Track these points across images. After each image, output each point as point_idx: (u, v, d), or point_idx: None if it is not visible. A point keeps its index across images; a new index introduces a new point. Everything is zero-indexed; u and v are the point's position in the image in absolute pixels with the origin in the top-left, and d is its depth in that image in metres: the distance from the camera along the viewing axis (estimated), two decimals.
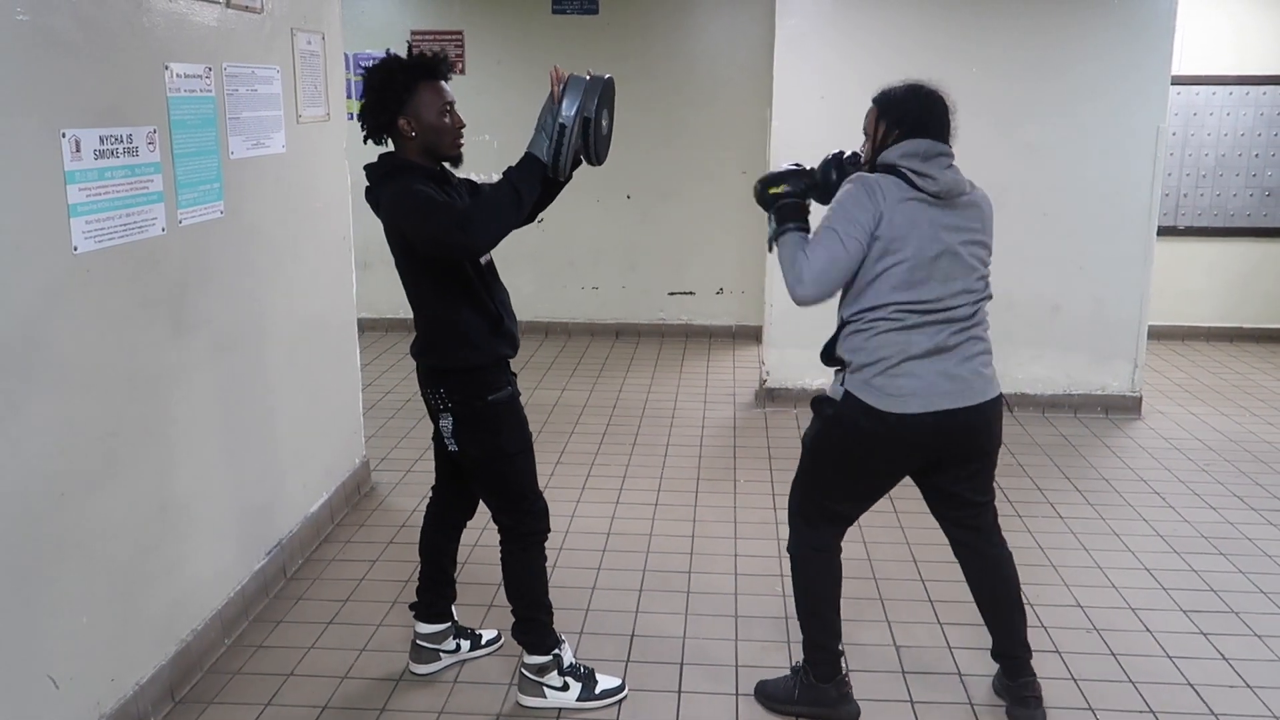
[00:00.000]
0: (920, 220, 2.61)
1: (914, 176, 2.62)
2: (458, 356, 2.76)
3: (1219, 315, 7.52)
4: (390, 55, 2.73)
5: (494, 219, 2.54)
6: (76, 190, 2.53)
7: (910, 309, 2.64)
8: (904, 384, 2.65)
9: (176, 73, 2.98)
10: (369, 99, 2.69)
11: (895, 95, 2.74)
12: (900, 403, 2.65)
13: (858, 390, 2.69)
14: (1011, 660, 2.97)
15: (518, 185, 2.59)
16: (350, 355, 4.54)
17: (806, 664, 2.96)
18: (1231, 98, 7.15)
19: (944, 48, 5.47)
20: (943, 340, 2.66)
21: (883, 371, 2.66)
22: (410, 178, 2.65)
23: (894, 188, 2.62)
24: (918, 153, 2.65)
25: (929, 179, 2.63)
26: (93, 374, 2.64)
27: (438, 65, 2.71)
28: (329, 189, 4.18)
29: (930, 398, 2.66)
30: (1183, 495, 4.61)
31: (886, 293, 2.64)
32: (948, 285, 2.66)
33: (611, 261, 7.62)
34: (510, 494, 2.90)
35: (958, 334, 2.68)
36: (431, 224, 2.54)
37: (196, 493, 3.16)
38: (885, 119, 2.73)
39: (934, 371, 2.66)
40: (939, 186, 2.63)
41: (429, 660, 3.16)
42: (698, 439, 5.37)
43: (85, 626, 2.63)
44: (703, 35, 7.29)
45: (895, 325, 2.65)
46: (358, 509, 4.42)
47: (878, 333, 2.66)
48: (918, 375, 2.65)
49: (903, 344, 2.65)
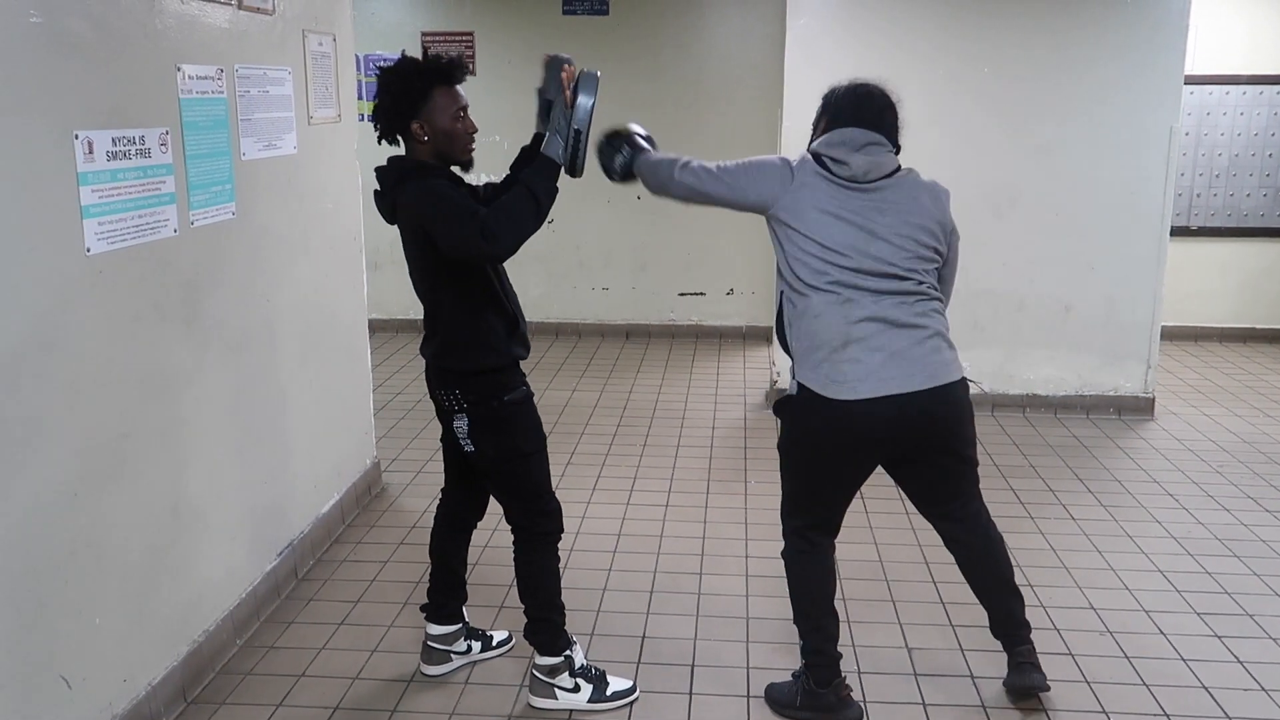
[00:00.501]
0: (825, 200, 2.68)
1: (829, 162, 2.71)
2: (476, 359, 2.76)
3: (1232, 316, 7.48)
4: (406, 57, 2.73)
5: (515, 227, 2.53)
6: (89, 192, 2.53)
7: (837, 285, 2.66)
8: (849, 370, 2.65)
9: (188, 74, 2.98)
10: (383, 101, 2.69)
11: (833, 91, 2.85)
12: (849, 389, 2.65)
13: (807, 380, 2.71)
14: (1007, 638, 3.01)
15: (536, 191, 2.58)
16: (361, 356, 4.55)
17: (806, 669, 2.95)
18: (1245, 97, 7.11)
19: (955, 48, 5.46)
20: (885, 317, 2.67)
21: (826, 358, 2.67)
22: (432, 178, 2.65)
23: (807, 167, 2.73)
24: (837, 141, 2.73)
25: (841, 164, 2.70)
26: (105, 375, 2.65)
27: (453, 70, 2.70)
28: (340, 190, 4.18)
29: (881, 382, 2.65)
30: (1196, 496, 4.59)
31: (811, 275, 2.68)
32: (874, 262, 2.68)
33: (622, 262, 7.62)
34: (525, 494, 2.90)
35: (898, 308, 2.68)
36: (457, 229, 2.53)
37: (208, 493, 3.17)
38: (823, 113, 2.86)
39: (881, 355, 2.65)
40: (850, 171, 2.70)
41: (440, 661, 3.16)
42: (708, 440, 5.37)
43: (98, 627, 2.63)
44: (713, 35, 7.28)
45: (826, 301, 2.66)
46: (368, 510, 4.43)
47: (810, 317, 2.68)
48: (862, 360, 2.65)
49: (837, 325, 2.66)
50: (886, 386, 2.66)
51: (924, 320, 2.73)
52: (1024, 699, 2.99)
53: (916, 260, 2.73)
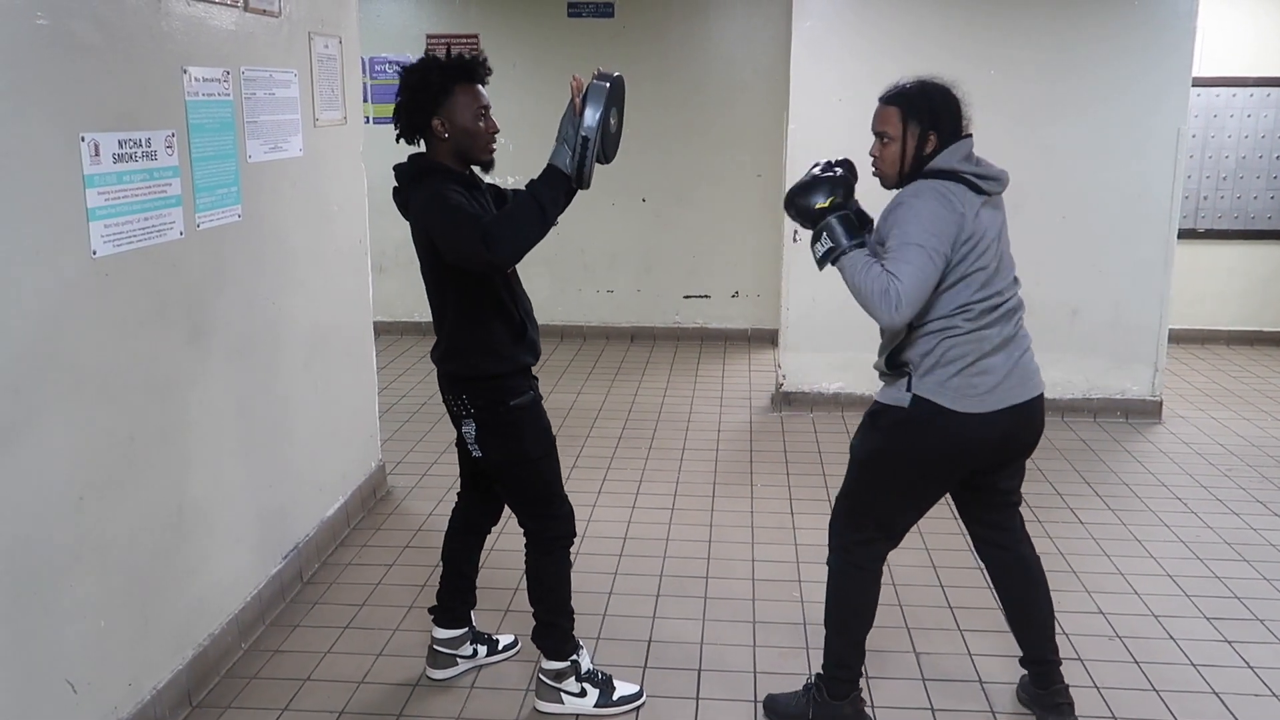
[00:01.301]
0: (990, 222, 2.59)
1: (980, 181, 2.58)
2: (481, 364, 2.74)
3: (1239, 319, 7.46)
4: (429, 55, 2.72)
5: (517, 235, 2.49)
6: (95, 194, 2.53)
7: (984, 307, 2.61)
8: (979, 382, 2.61)
9: (195, 76, 2.98)
10: (405, 98, 2.68)
11: (922, 94, 2.65)
12: (977, 402, 2.61)
13: (931, 393, 2.61)
14: (1041, 666, 2.92)
15: (541, 200, 2.52)
16: (366, 359, 4.54)
17: (821, 680, 2.90)
18: (1252, 99, 7.09)
19: (962, 49, 5.44)
20: (1009, 331, 2.66)
21: (959, 372, 2.60)
22: (441, 182, 2.63)
23: (966, 194, 2.56)
24: (967, 154, 2.61)
25: (992, 180, 2.60)
26: (111, 378, 2.64)
27: (476, 68, 2.69)
28: (346, 192, 4.18)
29: (1002, 394, 2.63)
30: (1204, 500, 4.56)
31: (965, 296, 2.58)
32: (1005, 278, 2.65)
33: (627, 265, 7.61)
34: (535, 498, 2.89)
35: (1017, 322, 2.69)
36: (458, 235, 2.51)
37: (213, 497, 3.16)
38: (917, 121, 2.62)
39: (1005, 366, 2.63)
40: (1001, 186, 2.63)
41: (446, 665, 3.15)
42: (714, 443, 5.35)
43: (103, 631, 2.62)
44: (718, 38, 7.27)
45: (971, 326, 2.60)
46: (374, 513, 4.42)
47: (954, 334, 2.60)
48: (992, 372, 2.62)
49: (978, 341, 2.61)
50: (1010, 397, 2.64)
51: (1025, 331, 2.73)
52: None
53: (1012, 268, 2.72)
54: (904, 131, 2.64)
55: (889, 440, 2.71)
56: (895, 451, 2.71)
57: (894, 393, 2.68)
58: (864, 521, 2.80)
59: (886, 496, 2.77)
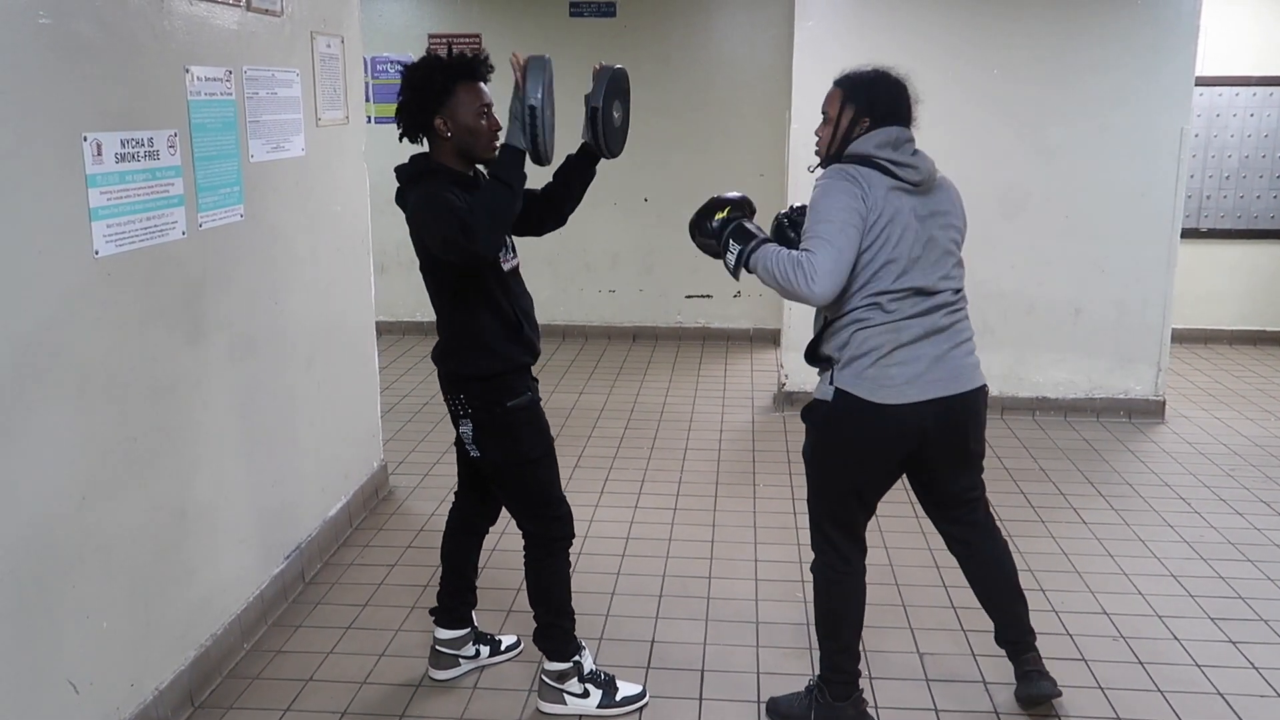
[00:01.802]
0: (904, 209, 2.58)
1: (894, 167, 2.57)
2: (475, 363, 2.74)
3: (1242, 318, 7.45)
4: (430, 54, 2.72)
5: (491, 219, 2.50)
6: (98, 194, 2.52)
7: (898, 298, 2.60)
8: (896, 373, 2.60)
9: (197, 75, 2.97)
10: (406, 97, 2.67)
11: (864, 79, 2.67)
12: (896, 393, 2.60)
13: (849, 385, 2.63)
14: (1013, 645, 2.97)
15: (504, 178, 2.55)
16: (369, 359, 4.54)
17: (821, 682, 2.90)
18: (1255, 99, 7.08)
19: (964, 50, 5.43)
20: (936, 323, 2.63)
21: (874, 363, 2.60)
22: (435, 182, 2.63)
23: (876, 178, 2.56)
24: (889, 141, 2.60)
25: (909, 168, 2.59)
26: (113, 378, 2.64)
27: (477, 66, 2.69)
28: (348, 192, 4.17)
29: (924, 386, 2.62)
30: (1208, 500, 4.56)
31: (874, 283, 2.59)
32: (932, 271, 2.63)
33: (628, 264, 7.60)
34: (533, 500, 2.88)
35: (944, 316, 2.66)
36: (440, 231, 2.53)
37: (216, 497, 3.15)
38: (853, 104, 2.64)
39: (926, 357, 2.62)
40: (920, 175, 2.61)
41: (448, 666, 3.14)
42: (716, 443, 5.34)
43: (105, 631, 2.62)
44: (720, 38, 7.27)
45: (886, 317, 2.60)
46: (375, 513, 4.41)
47: (867, 325, 2.61)
48: (909, 363, 2.61)
49: (893, 332, 2.60)
50: (932, 390, 2.63)
51: (962, 325, 2.72)
52: (1036, 707, 2.96)
53: (957, 265, 2.71)
54: (839, 112, 2.67)
55: (820, 436, 2.74)
56: (827, 446, 2.74)
57: (822, 387, 2.71)
58: (827, 516, 2.82)
59: (835, 487, 2.78)
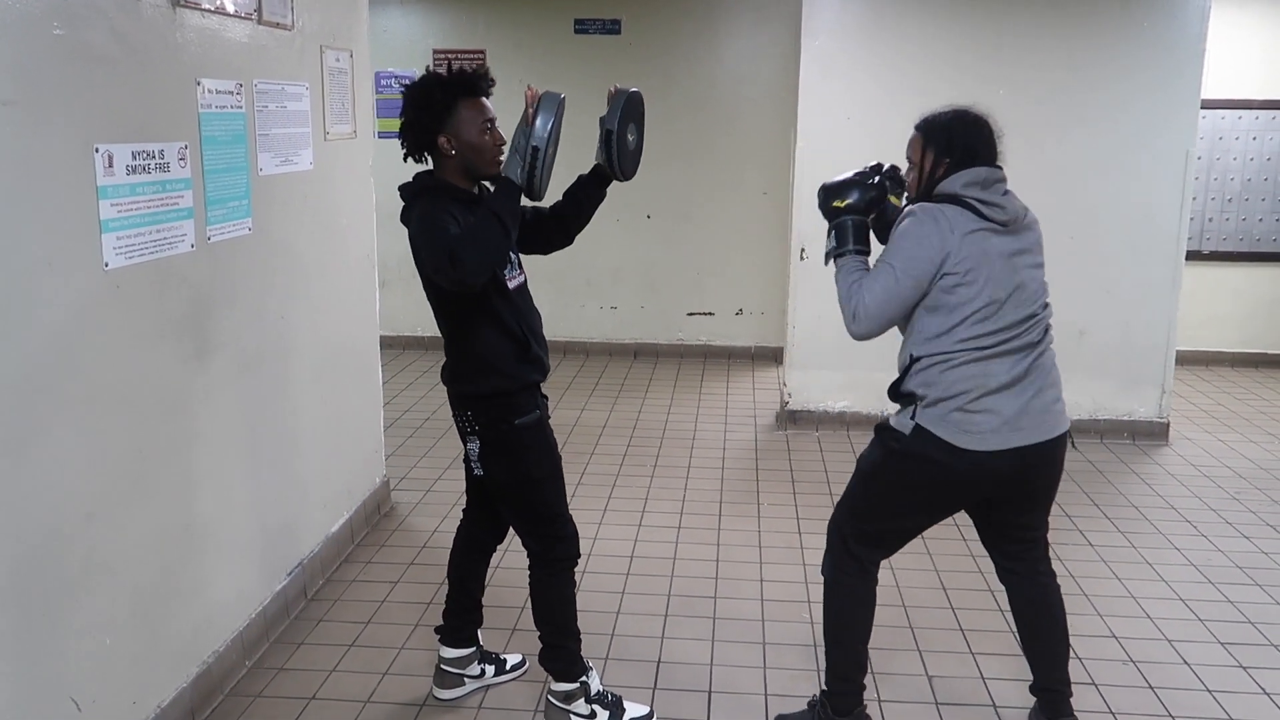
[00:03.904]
0: (991, 251, 2.54)
1: (981, 206, 2.55)
2: (483, 382, 2.72)
3: (1244, 341, 7.44)
4: (430, 71, 2.70)
5: (479, 250, 2.47)
6: (108, 205, 2.50)
7: (988, 340, 2.56)
8: (982, 420, 2.55)
9: (208, 88, 2.96)
10: (409, 116, 2.66)
11: (940, 121, 2.66)
12: (979, 439, 2.56)
13: (932, 425, 2.58)
14: (1050, 694, 2.89)
15: (498, 212, 2.53)
16: (373, 374, 4.51)
17: (825, 695, 2.88)
18: (1258, 122, 7.10)
19: (972, 68, 5.44)
20: (1020, 370, 2.58)
21: (960, 407, 2.56)
22: (434, 201, 2.61)
23: (961, 219, 2.54)
24: (978, 181, 2.57)
25: (996, 208, 2.56)
26: (121, 392, 2.61)
27: (478, 81, 2.67)
28: (354, 207, 4.16)
29: (1008, 434, 2.56)
30: (1214, 524, 4.54)
31: (963, 327, 2.55)
32: (1019, 312, 2.58)
33: (631, 281, 7.59)
34: (538, 519, 2.85)
35: (1033, 361, 2.61)
36: (430, 253, 2.51)
37: (221, 513, 3.12)
38: (932, 146, 2.64)
39: (1012, 407, 2.56)
40: (1007, 215, 2.57)
41: (453, 685, 3.11)
42: (719, 461, 5.32)
43: (109, 648, 2.59)
44: (725, 55, 7.28)
45: (973, 358, 2.56)
46: (378, 529, 4.38)
47: (955, 365, 2.56)
48: (996, 411, 2.56)
49: (981, 376, 2.56)
50: (1015, 439, 2.57)
51: (1051, 369, 2.67)
52: None
53: (1043, 305, 2.66)
54: (922, 156, 2.67)
55: (889, 462, 2.70)
56: (894, 473, 2.70)
57: (901, 418, 2.67)
58: (859, 531, 2.79)
59: (881, 511, 2.77)
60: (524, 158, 2.55)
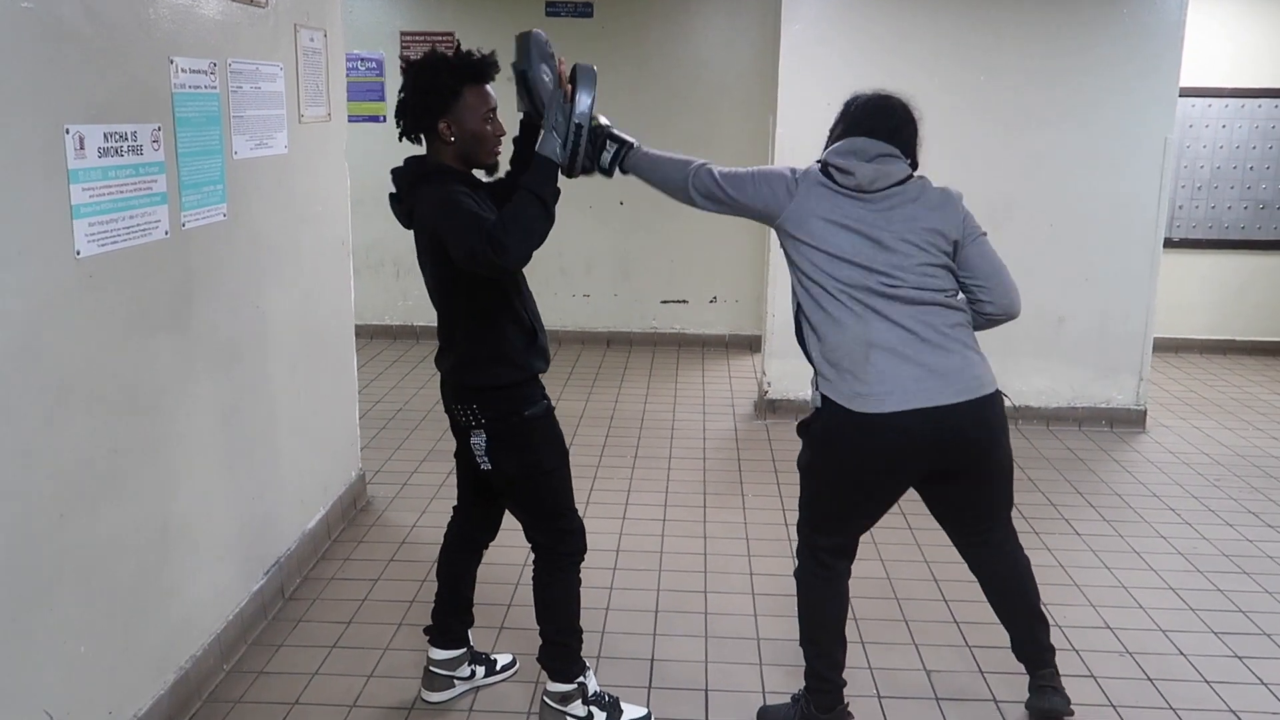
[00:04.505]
0: (829, 209, 2.58)
1: (834, 171, 2.61)
2: (494, 373, 2.62)
3: (1212, 328, 7.50)
4: (436, 52, 2.59)
5: (525, 235, 2.37)
6: (80, 190, 2.36)
7: (849, 292, 2.55)
8: (874, 381, 2.52)
9: (181, 67, 2.81)
10: (412, 98, 2.55)
11: (854, 99, 2.75)
12: (875, 401, 2.52)
13: (830, 393, 2.58)
14: (1031, 660, 2.92)
15: (540, 194, 2.42)
16: (348, 364, 4.39)
17: (806, 693, 2.84)
18: (1227, 110, 7.14)
19: (951, 54, 5.39)
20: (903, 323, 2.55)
21: (847, 369, 2.54)
22: (446, 183, 2.50)
23: (811, 176, 2.63)
24: (846, 150, 2.63)
25: (846, 174, 2.60)
26: (95, 386, 2.47)
27: (486, 69, 2.56)
28: (329, 192, 4.01)
29: (907, 395, 2.53)
30: (1198, 511, 4.54)
31: (817, 275, 2.57)
32: (886, 273, 2.56)
33: (603, 269, 7.49)
34: (548, 512, 2.77)
35: (918, 321, 2.56)
36: (469, 239, 2.37)
37: (198, 510, 2.99)
38: (840, 121, 2.75)
39: (909, 366, 2.53)
40: (855, 180, 2.59)
41: (443, 687, 3.01)
42: (700, 451, 5.24)
43: (83, 656, 2.45)
44: (699, 39, 7.18)
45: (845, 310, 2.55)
46: (355, 524, 4.25)
47: (827, 326, 2.57)
48: (887, 371, 2.52)
49: (857, 335, 2.54)
50: (917, 399, 2.53)
51: (949, 332, 2.61)
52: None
53: (929, 270, 2.61)
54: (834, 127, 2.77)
55: (811, 446, 2.69)
56: (818, 455, 2.68)
57: (814, 395, 2.67)
58: (816, 527, 2.76)
59: (826, 501, 2.73)
60: (564, 136, 2.45)
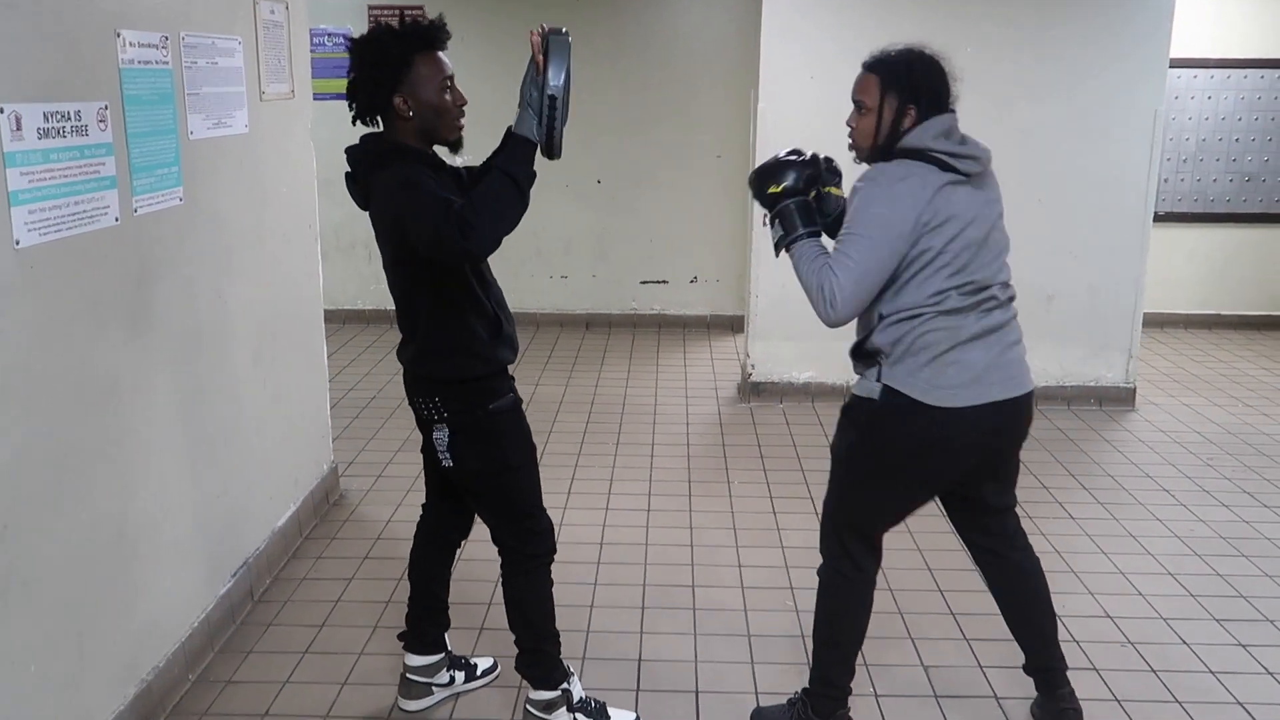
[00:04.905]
0: (961, 203, 2.37)
1: (952, 160, 2.36)
2: (456, 365, 2.46)
3: (1197, 302, 7.42)
4: (381, 25, 2.41)
5: (496, 220, 2.22)
6: (18, 175, 2.18)
7: (959, 294, 2.39)
8: (953, 374, 2.39)
9: (129, 41, 2.63)
10: (360, 75, 2.37)
11: (901, 62, 2.44)
12: (952, 395, 2.39)
13: (899, 384, 2.41)
14: (1046, 674, 2.77)
15: (514, 175, 2.26)
16: (318, 353, 4.22)
17: (806, 696, 2.72)
18: (1212, 81, 7.03)
19: (939, 25, 5.22)
20: (992, 321, 2.43)
21: (929, 361, 2.39)
22: (408, 164, 2.34)
23: (930, 174, 2.35)
24: (945, 131, 2.39)
25: (969, 160, 2.38)
26: (39, 385, 2.30)
27: (436, 34, 2.38)
28: (294, 174, 3.83)
29: (983, 388, 2.41)
30: (1192, 492, 4.45)
31: (937, 283, 2.38)
32: (992, 264, 2.44)
33: (581, 250, 7.32)
34: (514, 511, 2.62)
35: (1000, 313, 2.46)
36: (433, 224, 2.20)
37: (157, 512, 2.82)
38: (894, 91, 2.41)
39: (984, 359, 2.41)
40: (979, 166, 2.40)
41: (420, 695, 2.87)
42: (684, 437, 5.11)
43: (33, 676, 2.29)
44: (678, 12, 6.99)
45: (942, 312, 2.39)
46: (327, 520, 4.09)
47: (926, 318, 2.39)
48: (967, 364, 2.40)
49: (951, 329, 2.39)
50: (990, 393, 2.41)
51: (1014, 323, 2.52)
52: None
53: (1006, 258, 2.50)
54: (881, 102, 2.44)
55: (862, 435, 2.52)
56: (870, 447, 2.52)
57: (865, 384, 2.49)
58: (852, 526, 2.60)
59: (867, 496, 2.58)
60: (538, 111, 2.26)
